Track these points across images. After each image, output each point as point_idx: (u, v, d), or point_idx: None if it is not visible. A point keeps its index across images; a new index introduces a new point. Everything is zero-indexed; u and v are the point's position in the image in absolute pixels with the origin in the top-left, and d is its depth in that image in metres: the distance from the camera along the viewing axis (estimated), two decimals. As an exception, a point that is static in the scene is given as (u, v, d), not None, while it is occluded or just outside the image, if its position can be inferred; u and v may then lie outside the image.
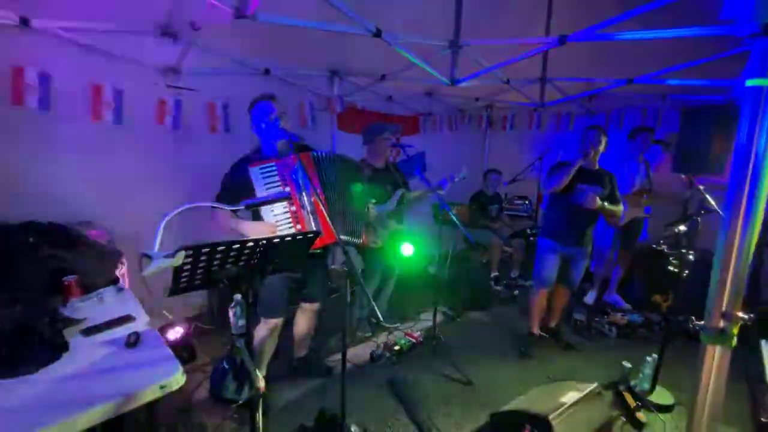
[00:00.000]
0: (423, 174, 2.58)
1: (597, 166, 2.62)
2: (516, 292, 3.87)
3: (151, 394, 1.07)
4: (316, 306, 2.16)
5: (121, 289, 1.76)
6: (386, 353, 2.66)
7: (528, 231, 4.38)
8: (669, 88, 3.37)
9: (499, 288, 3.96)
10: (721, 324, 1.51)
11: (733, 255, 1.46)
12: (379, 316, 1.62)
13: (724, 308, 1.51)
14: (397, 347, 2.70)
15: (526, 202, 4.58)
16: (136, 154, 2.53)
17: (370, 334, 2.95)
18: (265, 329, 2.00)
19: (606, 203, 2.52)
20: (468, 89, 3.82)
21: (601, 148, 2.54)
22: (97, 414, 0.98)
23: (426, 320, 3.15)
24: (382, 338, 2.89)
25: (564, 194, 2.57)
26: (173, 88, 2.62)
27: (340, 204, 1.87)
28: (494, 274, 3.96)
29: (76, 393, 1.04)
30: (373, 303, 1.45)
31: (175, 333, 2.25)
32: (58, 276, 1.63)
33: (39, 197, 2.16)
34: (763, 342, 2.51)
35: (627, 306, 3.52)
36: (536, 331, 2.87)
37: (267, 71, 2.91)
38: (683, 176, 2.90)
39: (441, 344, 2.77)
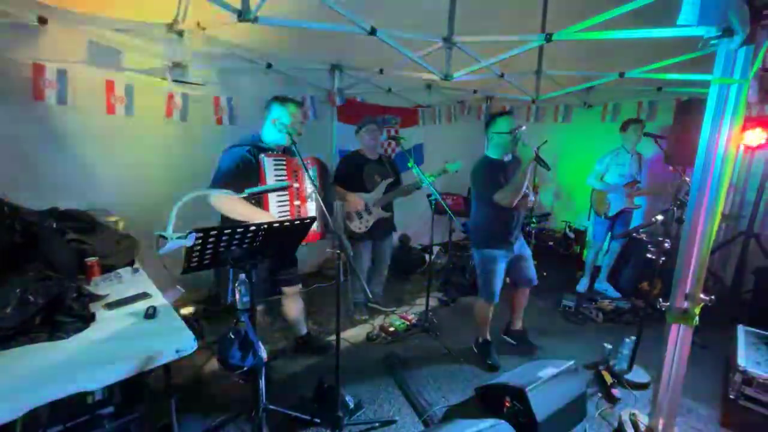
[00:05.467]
0: (419, 166, 2.71)
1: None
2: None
3: (167, 356, 1.24)
4: (296, 288, 2.33)
5: (136, 270, 1.93)
6: (382, 334, 2.84)
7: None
8: (665, 80, 3.42)
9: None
10: (685, 305, 1.65)
11: (696, 243, 1.58)
12: (369, 293, 1.75)
13: (687, 290, 1.64)
14: (392, 328, 2.87)
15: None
16: (147, 145, 2.69)
17: (366, 317, 3.12)
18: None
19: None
20: (466, 82, 3.90)
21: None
22: (124, 370, 1.15)
23: (420, 305, 3.31)
24: (378, 321, 3.07)
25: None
26: (180, 83, 2.76)
27: (332, 205, 2.04)
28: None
29: (105, 353, 1.22)
30: (363, 282, 1.60)
31: (187, 310, 2.45)
32: (81, 257, 1.81)
33: (58, 186, 2.33)
34: (739, 327, 2.65)
35: (617, 294, 3.65)
36: (488, 336, 2.66)
37: (269, 66, 3.03)
38: (671, 168, 3.00)
39: (433, 326, 2.94)
